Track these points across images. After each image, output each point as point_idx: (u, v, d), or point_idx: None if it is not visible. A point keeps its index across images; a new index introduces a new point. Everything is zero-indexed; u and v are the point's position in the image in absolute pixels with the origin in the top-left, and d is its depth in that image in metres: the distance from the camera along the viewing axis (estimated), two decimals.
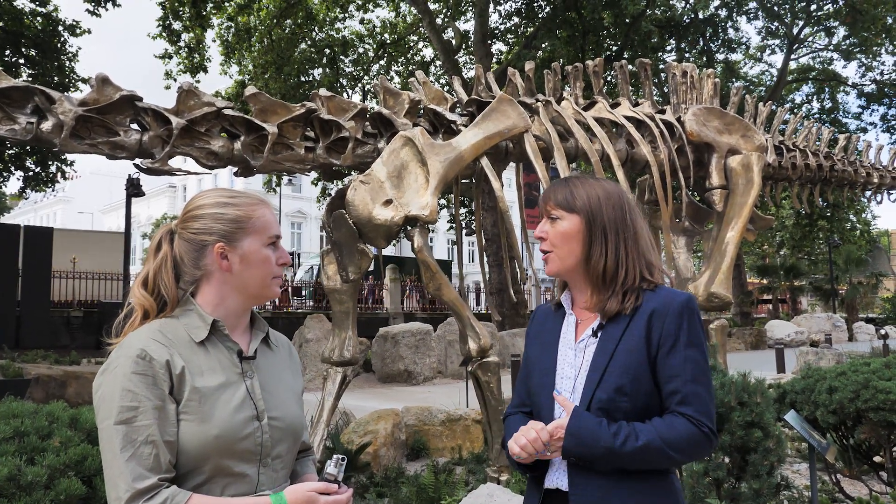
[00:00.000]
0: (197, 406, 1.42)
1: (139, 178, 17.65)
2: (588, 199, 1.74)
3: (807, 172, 7.46)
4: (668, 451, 1.57)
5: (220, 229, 1.53)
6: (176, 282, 1.55)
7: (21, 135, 3.70)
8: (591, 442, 1.56)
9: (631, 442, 1.55)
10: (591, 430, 1.57)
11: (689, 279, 5.99)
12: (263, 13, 21.91)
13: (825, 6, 25.06)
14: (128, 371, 1.39)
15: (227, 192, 1.61)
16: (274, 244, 1.59)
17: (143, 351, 1.41)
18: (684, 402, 1.61)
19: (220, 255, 1.53)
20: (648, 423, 1.60)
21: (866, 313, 40.00)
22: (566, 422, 1.59)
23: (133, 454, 1.34)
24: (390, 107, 4.95)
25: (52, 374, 9.44)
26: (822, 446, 3.81)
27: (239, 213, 1.55)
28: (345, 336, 4.68)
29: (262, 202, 1.61)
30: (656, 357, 1.64)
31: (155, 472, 1.35)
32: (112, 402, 1.38)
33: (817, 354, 13.65)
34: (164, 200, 57.18)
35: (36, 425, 2.72)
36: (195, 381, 1.44)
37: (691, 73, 6.38)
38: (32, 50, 17.60)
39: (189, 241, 1.55)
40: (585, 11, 20.36)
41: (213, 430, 1.42)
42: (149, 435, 1.36)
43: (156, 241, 1.58)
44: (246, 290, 1.57)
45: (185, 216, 1.57)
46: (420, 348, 14.34)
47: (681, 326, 1.65)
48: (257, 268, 1.56)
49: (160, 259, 1.55)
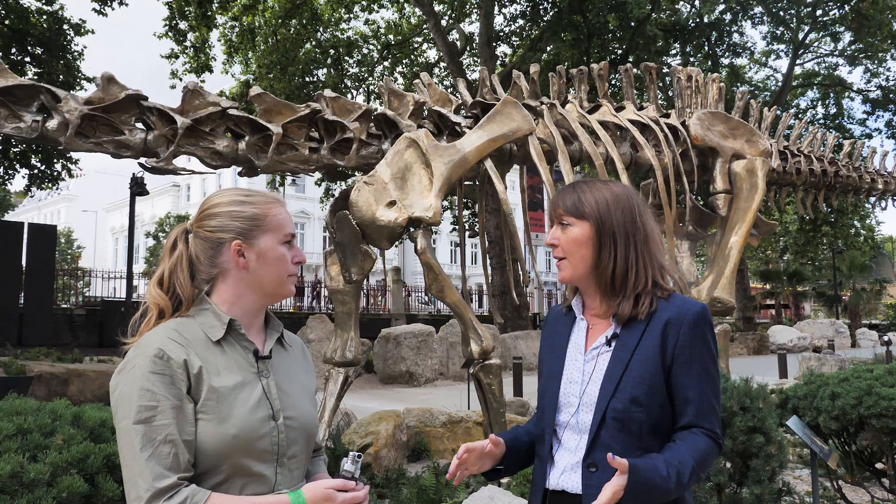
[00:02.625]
0: (215, 405, 1.42)
1: (143, 177, 17.66)
2: (597, 203, 1.73)
3: (811, 178, 7.45)
4: (700, 473, 1.61)
5: (236, 227, 1.54)
6: (191, 280, 1.56)
7: (27, 133, 3.71)
8: (648, 495, 1.54)
9: (678, 479, 1.55)
10: (646, 487, 1.53)
11: (692, 283, 5.98)
12: (269, 13, 21.96)
13: (831, 11, 25.03)
14: (146, 370, 1.39)
15: (243, 191, 1.63)
16: (289, 243, 1.60)
17: (161, 350, 1.41)
18: (701, 415, 1.63)
19: (237, 253, 1.54)
20: (685, 449, 1.60)
21: (869, 319, 39.94)
22: (624, 482, 1.53)
23: (152, 453, 1.34)
24: (395, 108, 4.96)
25: (55, 372, 9.44)
26: (824, 452, 3.80)
27: (256, 211, 1.56)
28: (347, 337, 4.68)
29: (277, 201, 1.62)
30: (671, 367, 1.65)
31: (174, 472, 1.35)
32: (130, 401, 1.38)
33: (820, 360, 13.63)
34: (169, 199, 57.27)
35: (39, 423, 2.72)
36: (212, 381, 1.44)
37: (696, 78, 6.37)
38: (38, 48, 17.65)
39: (205, 240, 1.55)
40: (591, 15, 20.36)
41: (232, 430, 1.42)
42: (168, 434, 1.36)
43: (171, 240, 1.59)
44: (262, 289, 1.57)
45: (202, 215, 1.58)
46: (422, 350, 14.34)
47: (696, 338, 1.65)
48: (273, 265, 1.56)
49: (175, 258, 1.55)
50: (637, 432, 1.63)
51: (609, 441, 1.63)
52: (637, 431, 1.63)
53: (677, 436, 1.64)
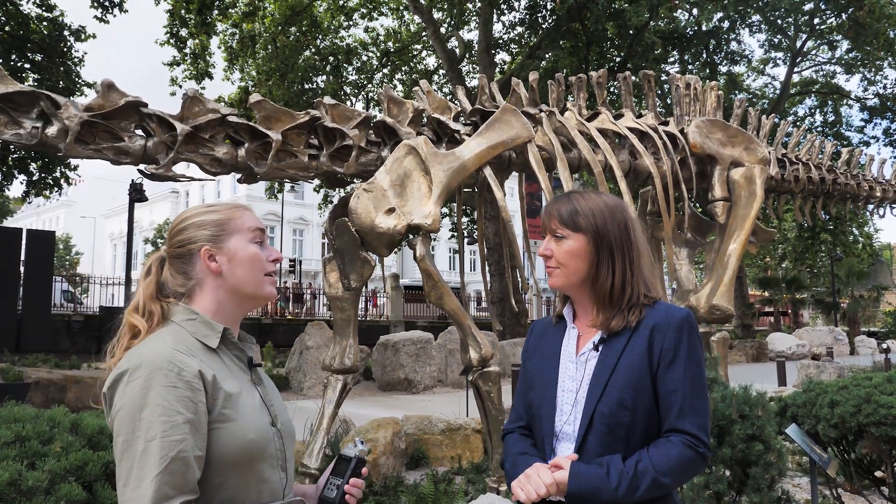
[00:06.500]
0: (231, 412, 1.42)
1: (142, 183, 17.67)
2: (594, 217, 1.75)
3: (809, 185, 7.46)
4: (663, 481, 1.59)
5: (204, 234, 1.56)
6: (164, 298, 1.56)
7: (26, 139, 3.71)
8: (593, 496, 1.59)
9: (629, 484, 1.57)
10: (591, 487, 1.58)
11: (690, 291, 5.99)
12: (268, 20, 22.02)
13: (828, 20, 25.14)
14: (157, 384, 1.34)
15: (206, 204, 1.67)
16: (261, 242, 1.61)
17: (172, 363, 1.37)
18: (682, 416, 1.64)
19: (209, 258, 1.55)
20: (645, 456, 1.61)
21: (868, 327, 39.94)
22: (566, 477, 1.60)
23: (161, 472, 1.28)
24: (394, 115, 4.97)
25: (53, 379, 9.42)
26: (823, 460, 3.80)
27: (220, 217, 1.59)
28: (346, 344, 4.67)
29: (241, 206, 1.66)
30: (657, 371, 1.66)
31: (181, 493, 1.30)
32: (138, 417, 1.33)
33: (819, 368, 13.61)
34: (168, 205, 57.27)
35: (37, 430, 2.71)
36: (226, 387, 1.44)
37: (694, 85, 6.39)
38: (38, 55, 17.68)
39: (178, 256, 1.57)
40: (589, 22, 20.42)
41: (250, 434, 1.43)
42: (180, 451, 1.31)
43: (146, 267, 1.61)
44: (239, 291, 1.57)
45: (171, 234, 1.61)
46: (420, 357, 14.32)
47: (680, 341, 1.68)
48: (247, 265, 1.57)
49: (147, 283, 1.57)
50: (624, 436, 1.65)
51: (596, 445, 1.65)
52: (624, 436, 1.64)
53: (654, 442, 1.65)
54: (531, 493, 1.60)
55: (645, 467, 1.59)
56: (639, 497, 1.58)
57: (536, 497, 1.60)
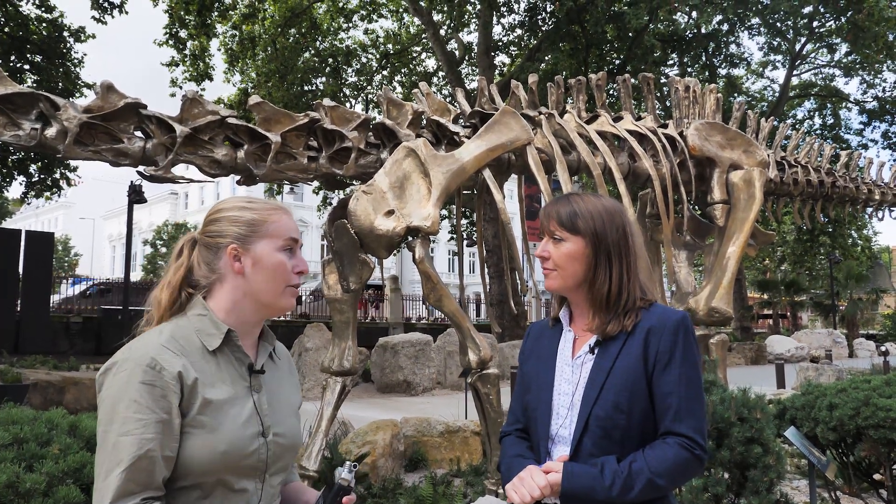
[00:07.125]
0: (206, 419, 1.40)
1: (141, 185, 17.66)
2: (592, 220, 1.74)
3: (808, 188, 7.47)
4: (658, 482, 1.59)
5: (234, 231, 1.53)
6: (186, 287, 1.55)
7: (25, 141, 3.70)
8: (587, 495, 1.59)
9: (623, 483, 1.58)
10: (585, 486, 1.59)
11: (689, 293, 5.99)
12: (268, 22, 22.03)
13: (827, 23, 25.17)
14: (135, 380, 1.35)
15: (247, 198, 1.62)
16: (291, 250, 1.57)
17: (154, 360, 1.38)
18: (678, 419, 1.63)
19: (233, 257, 1.52)
20: (640, 457, 1.61)
21: (867, 330, 39.96)
22: (559, 479, 1.61)
23: (128, 467, 1.30)
24: (393, 117, 4.97)
25: (51, 380, 9.40)
26: (821, 463, 3.80)
27: (255, 217, 1.55)
28: (345, 346, 4.67)
29: (281, 208, 1.61)
30: (652, 374, 1.66)
31: (144, 489, 1.31)
32: (116, 410, 1.34)
33: (817, 370, 13.62)
34: (167, 207, 57.27)
35: (35, 432, 2.71)
36: (206, 393, 1.41)
37: (694, 88, 6.40)
38: (38, 56, 17.67)
39: (207, 246, 1.55)
40: (588, 25, 20.45)
41: (221, 446, 1.40)
42: (149, 450, 1.32)
43: (178, 247, 1.59)
44: (258, 298, 1.53)
45: (206, 221, 1.58)
46: (419, 359, 14.31)
47: (676, 344, 1.67)
48: (269, 272, 1.53)
49: (178, 265, 1.55)
50: (620, 440, 1.64)
51: (592, 448, 1.65)
52: (620, 439, 1.64)
53: (650, 444, 1.64)
54: (524, 496, 1.60)
55: (640, 468, 1.59)
56: (633, 497, 1.57)
57: (530, 499, 1.60)
